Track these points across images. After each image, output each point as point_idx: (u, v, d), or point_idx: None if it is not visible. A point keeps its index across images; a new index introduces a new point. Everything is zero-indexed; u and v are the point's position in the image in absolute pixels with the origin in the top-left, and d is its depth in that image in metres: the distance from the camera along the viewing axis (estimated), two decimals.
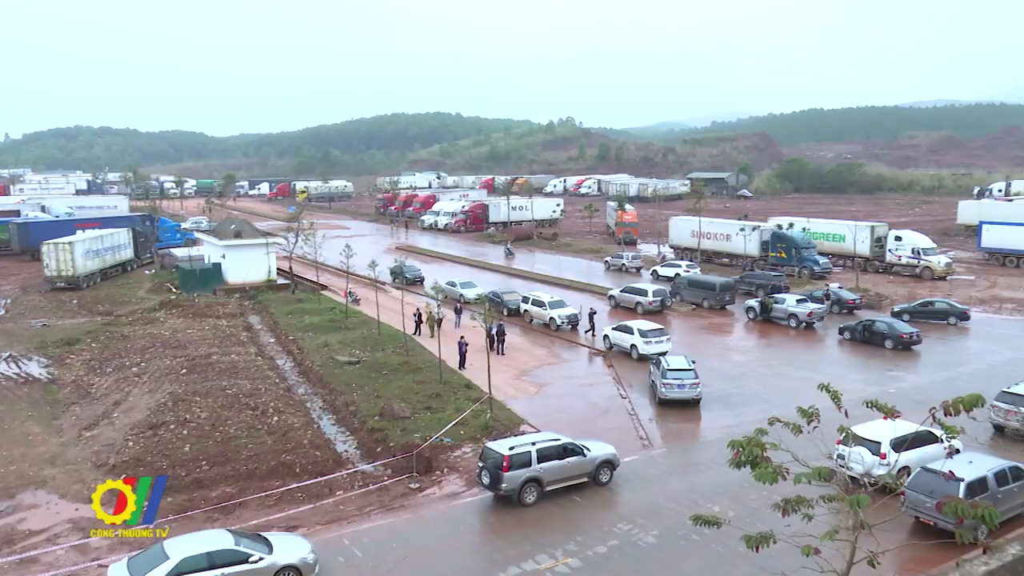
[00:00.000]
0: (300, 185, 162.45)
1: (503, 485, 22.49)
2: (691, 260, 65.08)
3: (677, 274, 57.06)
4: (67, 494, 23.85)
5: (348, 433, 29.72)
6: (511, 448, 23.05)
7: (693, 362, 32.55)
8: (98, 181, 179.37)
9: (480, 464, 23.41)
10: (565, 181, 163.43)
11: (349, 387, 33.51)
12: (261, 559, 18.20)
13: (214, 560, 17.80)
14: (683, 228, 71.72)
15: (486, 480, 22.96)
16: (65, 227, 68.14)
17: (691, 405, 31.33)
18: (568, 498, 23.26)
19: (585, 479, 23.94)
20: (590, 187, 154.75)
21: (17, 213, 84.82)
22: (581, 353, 40.67)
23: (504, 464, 22.44)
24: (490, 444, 23.96)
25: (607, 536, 20.91)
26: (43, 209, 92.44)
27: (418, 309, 43.94)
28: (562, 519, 22.04)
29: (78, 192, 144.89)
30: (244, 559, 18.06)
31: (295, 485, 24.46)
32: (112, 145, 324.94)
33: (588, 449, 24.18)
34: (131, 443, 27.38)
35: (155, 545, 18.46)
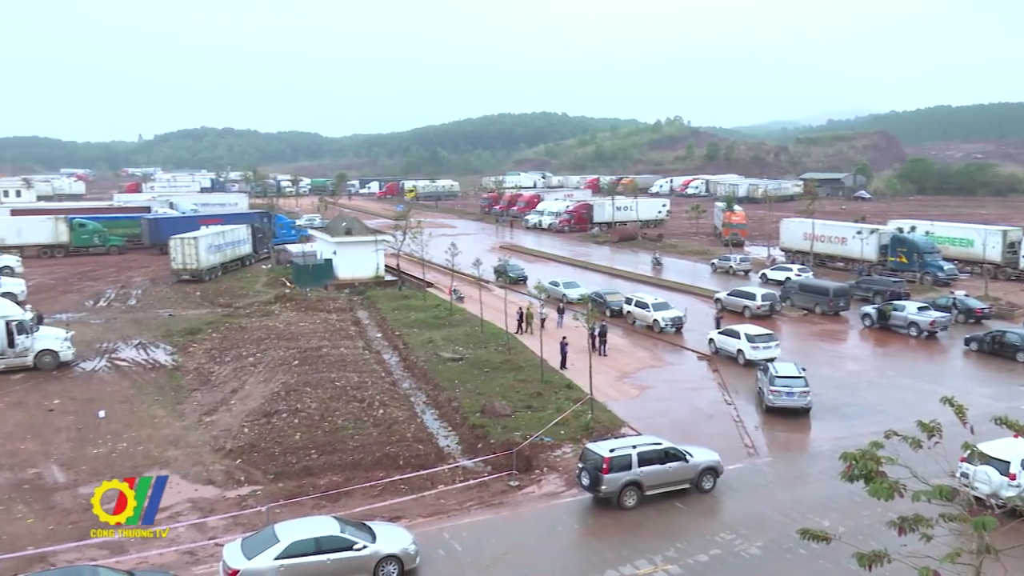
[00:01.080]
0: (408, 184, 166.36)
1: (603, 487, 22.31)
2: (803, 263, 62.77)
3: (788, 278, 55.17)
4: (188, 475, 25.22)
5: (450, 428, 30.19)
6: (612, 450, 22.85)
7: (803, 369, 31.38)
8: (221, 180, 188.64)
9: (580, 465, 23.31)
10: (672, 181, 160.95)
11: (452, 383, 34.05)
12: (365, 547, 18.71)
13: (321, 545, 18.43)
14: (795, 230, 69.29)
15: (586, 481, 22.85)
16: (190, 223, 71.96)
17: (800, 414, 30.21)
18: (669, 504, 22.87)
19: (687, 485, 23.46)
20: (697, 187, 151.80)
21: (148, 209, 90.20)
22: (685, 356, 39.89)
23: (604, 466, 22.27)
24: (590, 445, 23.83)
25: (709, 545, 20.42)
26: (171, 206, 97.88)
27: (521, 308, 44.18)
28: (662, 525, 21.68)
29: (203, 190, 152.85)
30: (349, 546, 18.62)
31: (398, 477, 25.04)
32: (234, 145, 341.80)
33: (691, 455, 23.70)
34: (246, 429, 28.72)
35: (267, 528, 19.26)
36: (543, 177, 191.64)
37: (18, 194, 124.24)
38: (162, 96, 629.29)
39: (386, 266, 61.93)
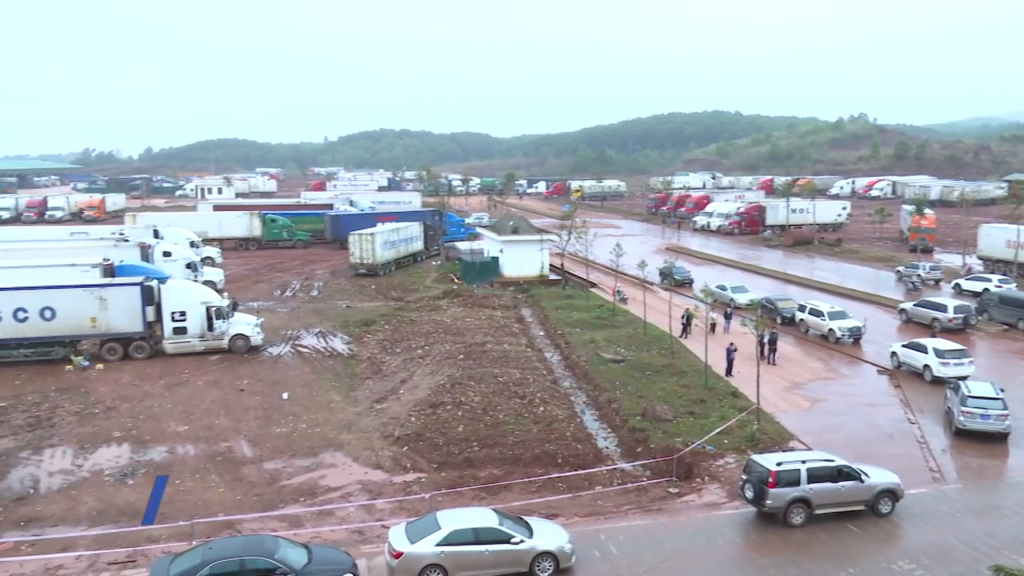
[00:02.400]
0: (575, 184, 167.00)
1: (768, 502, 21.33)
2: (1004, 274, 57.05)
3: (986, 289, 50.27)
4: (359, 459, 26.64)
5: (609, 430, 29.99)
6: (779, 464, 21.79)
7: (1001, 390, 28.50)
8: (396, 179, 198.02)
9: (744, 477, 22.42)
10: (854, 183, 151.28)
11: (613, 384, 33.81)
12: (522, 541, 18.94)
13: (479, 536, 18.85)
14: (996, 237, 63.04)
15: (749, 494, 21.94)
16: (368, 220, 75.96)
17: (996, 439, 27.46)
18: (841, 525, 21.49)
19: (861, 507, 21.95)
20: (882, 189, 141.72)
21: (330, 206, 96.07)
22: (863, 369, 37.37)
23: (770, 480, 21.27)
24: (756, 457, 22.85)
25: (884, 573, 19.00)
26: (351, 203, 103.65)
27: (687, 311, 43.18)
28: (832, 547, 20.40)
29: (380, 189, 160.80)
30: (506, 539, 18.92)
31: (556, 475, 25.18)
32: (410, 146, 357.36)
33: (866, 475, 22.15)
34: (413, 419, 29.93)
35: (430, 515, 19.95)
36: (713, 178, 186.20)
37: (219, 191, 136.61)
38: (346, 101, 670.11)
39: (550, 265, 62.49)
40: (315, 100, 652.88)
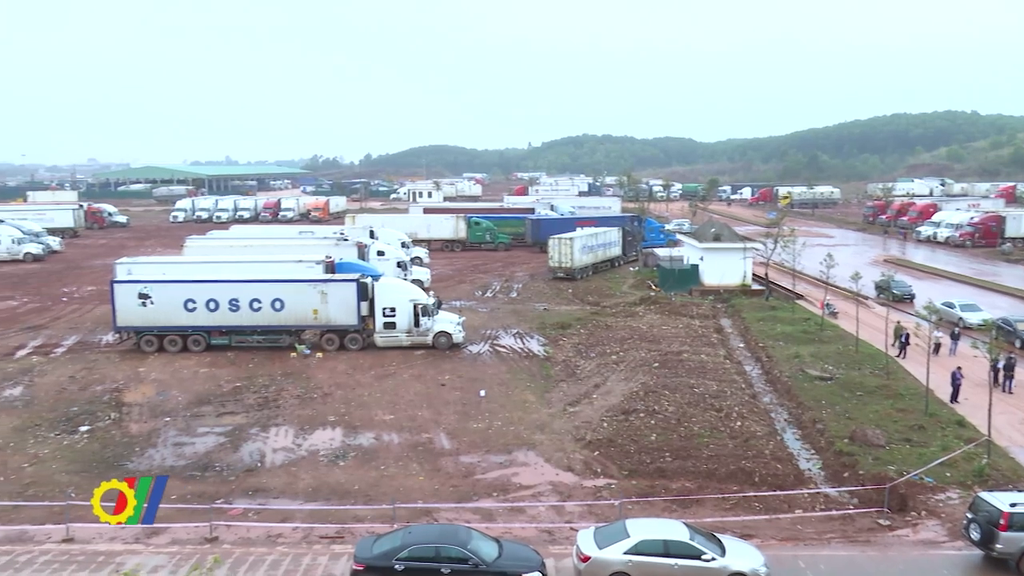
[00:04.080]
0: (783, 190, 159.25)
1: (998, 546, 19.10)
2: None
3: None
4: (551, 459, 26.97)
5: (812, 451, 28.25)
6: (1013, 504, 19.44)
7: None
8: (597, 184, 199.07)
9: (969, 516, 20.23)
10: None
11: (818, 403, 31.82)
12: (713, 559, 18.30)
13: (669, 549, 18.43)
14: None
15: (975, 535, 19.76)
16: (568, 224, 76.83)
17: None
18: None
19: None
20: None
21: (532, 211, 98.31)
22: None
23: (1002, 522, 19.04)
24: (984, 495, 20.54)
25: None
26: (551, 208, 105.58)
27: (904, 329, 39.75)
28: None
29: (580, 193, 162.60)
30: (697, 555, 18.35)
31: (752, 493, 24.11)
32: (611, 151, 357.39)
33: None
34: (605, 424, 29.86)
35: (619, 522, 19.81)
36: (942, 184, 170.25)
37: (429, 195, 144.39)
38: (550, 107, 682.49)
39: (753, 274, 60.03)
40: (520, 107, 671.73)
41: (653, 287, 59.63)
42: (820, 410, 31.02)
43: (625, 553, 18.34)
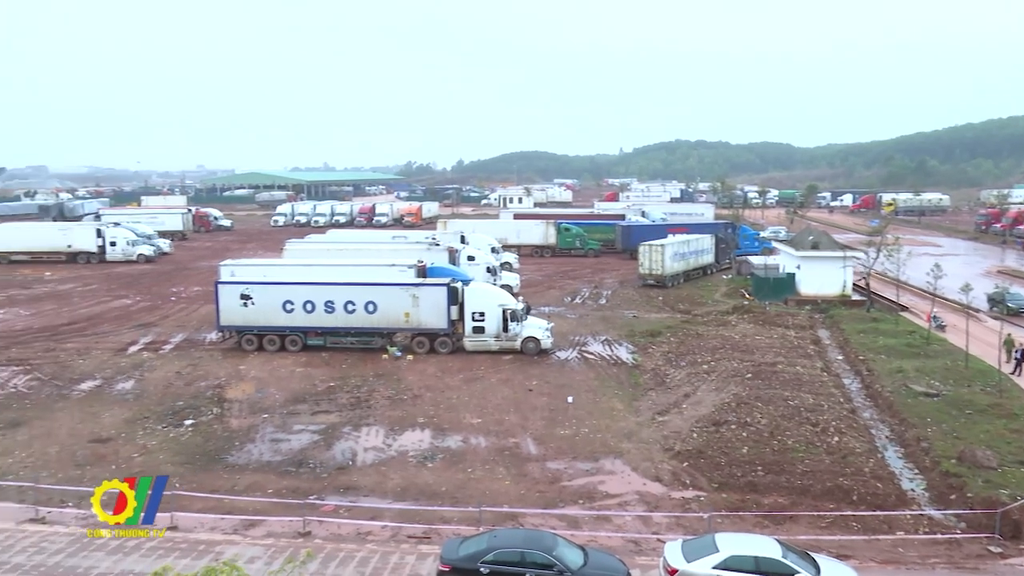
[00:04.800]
0: (887, 197, 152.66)
1: None
2: None
3: None
4: (638, 468, 26.62)
5: (916, 471, 26.91)
6: None
7: None
8: (690, 190, 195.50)
9: None
10: None
11: (923, 420, 30.29)
12: None
13: (760, 566, 17.88)
14: None
15: None
16: (659, 231, 75.88)
17: None
18: None
19: None
20: None
21: (622, 217, 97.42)
22: None
23: None
24: None
25: None
26: (642, 214, 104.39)
27: (1013, 340, 37.46)
28: None
29: (672, 200, 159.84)
30: (790, 574, 17.74)
31: (850, 512, 23.15)
32: (705, 157, 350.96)
33: None
34: (695, 435, 29.26)
35: (708, 535, 19.36)
36: None
37: (519, 200, 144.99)
38: (642, 112, 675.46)
39: (854, 284, 57.74)
40: (611, 112, 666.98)
41: (747, 296, 58.16)
42: (925, 428, 29.53)
43: (714, 568, 17.89)
